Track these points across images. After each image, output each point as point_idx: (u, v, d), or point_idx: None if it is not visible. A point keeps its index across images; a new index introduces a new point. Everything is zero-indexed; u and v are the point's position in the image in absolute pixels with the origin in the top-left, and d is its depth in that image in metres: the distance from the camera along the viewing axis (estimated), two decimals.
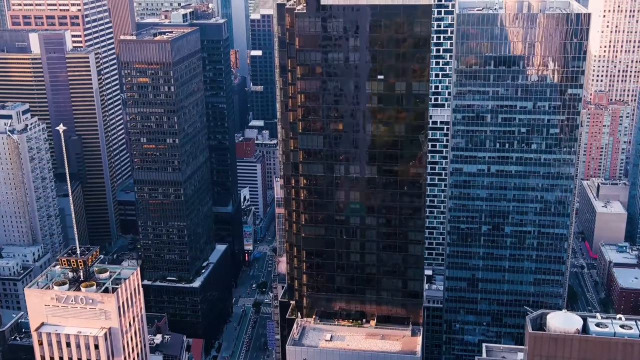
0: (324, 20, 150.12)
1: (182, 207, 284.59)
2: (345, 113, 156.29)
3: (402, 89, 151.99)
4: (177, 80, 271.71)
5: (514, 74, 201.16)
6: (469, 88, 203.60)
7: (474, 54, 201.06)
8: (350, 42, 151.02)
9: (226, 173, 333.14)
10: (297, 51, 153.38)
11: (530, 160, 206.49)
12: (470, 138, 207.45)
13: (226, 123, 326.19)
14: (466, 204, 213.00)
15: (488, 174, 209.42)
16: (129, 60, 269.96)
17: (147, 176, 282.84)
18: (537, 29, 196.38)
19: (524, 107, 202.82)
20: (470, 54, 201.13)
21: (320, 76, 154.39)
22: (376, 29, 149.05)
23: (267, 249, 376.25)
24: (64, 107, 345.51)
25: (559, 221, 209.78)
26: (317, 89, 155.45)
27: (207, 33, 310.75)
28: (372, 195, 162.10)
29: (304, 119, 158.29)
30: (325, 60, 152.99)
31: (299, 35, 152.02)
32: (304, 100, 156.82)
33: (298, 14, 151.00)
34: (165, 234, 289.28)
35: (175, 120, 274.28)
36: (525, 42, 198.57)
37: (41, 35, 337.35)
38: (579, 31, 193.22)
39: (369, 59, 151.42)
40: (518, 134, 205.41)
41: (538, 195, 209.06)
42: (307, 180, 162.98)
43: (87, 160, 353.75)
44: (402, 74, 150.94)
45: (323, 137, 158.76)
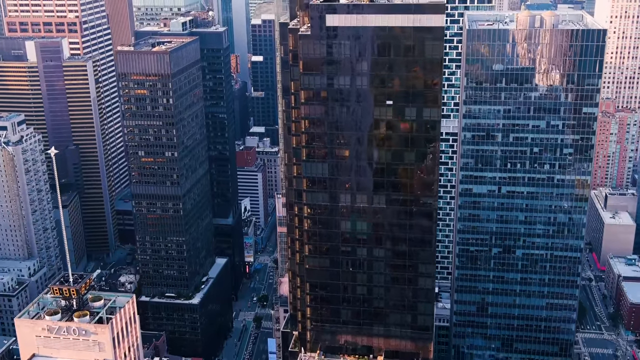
0: (330, 43, 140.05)
1: (181, 221, 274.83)
2: (352, 140, 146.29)
3: (412, 115, 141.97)
4: (176, 92, 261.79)
5: (526, 92, 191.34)
6: (479, 106, 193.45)
7: (484, 70, 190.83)
8: (357, 65, 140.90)
9: (226, 184, 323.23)
10: (300, 75, 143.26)
11: (542, 181, 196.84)
12: (480, 158, 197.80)
13: (226, 133, 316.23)
14: (476, 225, 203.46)
15: (498, 195, 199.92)
16: (127, 72, 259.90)
17: (145, 190, 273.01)
18: (550, 45, 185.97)
19: (537, 126, 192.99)
20: (481, 71, 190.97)
21: (325, 101, 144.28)
22: (384, 51, 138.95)
23: (268, 260, 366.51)
24: (61, 117, 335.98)
25: (572, 244, 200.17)
26: (322, 115, 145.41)
27: (207, 42, 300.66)
28: (380, 226, 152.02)
29: (308, 146, 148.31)
30: (331, 84, 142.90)
31: (303, 58, 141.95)
32: (308, 126, 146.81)
33: (302, 36, 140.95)
34: (164, 249, 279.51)
35: (174, 133, 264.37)
36: (537, 59, 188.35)
37: (37, 43, 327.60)
38: (594, 48, 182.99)
39: (376, 84, 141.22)
40: (530, 153, 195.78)
41: (550, 217, 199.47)
42: (311, 209, 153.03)
43: (84, 170, 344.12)
44: (412, 99, 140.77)
45: (328, 164, 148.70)
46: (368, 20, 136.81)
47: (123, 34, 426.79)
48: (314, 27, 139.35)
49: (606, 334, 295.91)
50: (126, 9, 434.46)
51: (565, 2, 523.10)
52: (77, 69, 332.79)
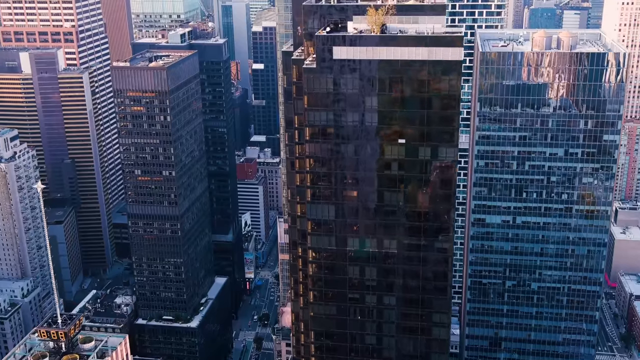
0: (337, 77, 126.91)
1: (179, 242, 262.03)
2: (361, 180, 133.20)
3: (426, 155, 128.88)
4: (174, 109, 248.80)
5: (542, 118, 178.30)
6: (493, 132, 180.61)
7: (498, 95, 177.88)
8: (367, 101, 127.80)
9: (226, 200, 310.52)
10: (305, 110, 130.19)
11: (559, 212, 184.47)
12: (494, 186, 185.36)
13: (226, 148, 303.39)
14: (488, 257, 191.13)
15: (513, 226, 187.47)
16: (123, 88, 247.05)
17: (141, 210, 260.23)
18: (569, 69, 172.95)
19: (554, 154, 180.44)
20: (494, 95, 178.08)
21: (332, 139, 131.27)
22: (397, 86, 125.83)
23: (269, 275, 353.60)
24: (57, 130, 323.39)
25: (591, 277, 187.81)
26: (328, 153, 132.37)
27: (207, 54, 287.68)
28: (391, 272, 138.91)
29: (312, 186, 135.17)
30: (338, 121, 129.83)
31: (307, 93, 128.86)
32: (313, 165, 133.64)
33: (307, 69, 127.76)
34: (161, 271, 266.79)
35: (171, 152, 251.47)
36: (555, 83, 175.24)
37: (32, 54, 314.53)
38: (616, 72, 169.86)
39: (388, 121, 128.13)
40: (547, 182, 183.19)
41: (568, 249, 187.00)
42: (317, 253, 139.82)
43: (80, 185, 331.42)
44: (427, 137, 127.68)
45: (335, 206, 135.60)
46: (379, 53, 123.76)
47: (121, 43, 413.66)
48: (320, 60, 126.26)
49: (618, 355, 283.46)
50: (125, 17, 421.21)
51: (572, 8, 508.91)
52: (73, 80, 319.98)
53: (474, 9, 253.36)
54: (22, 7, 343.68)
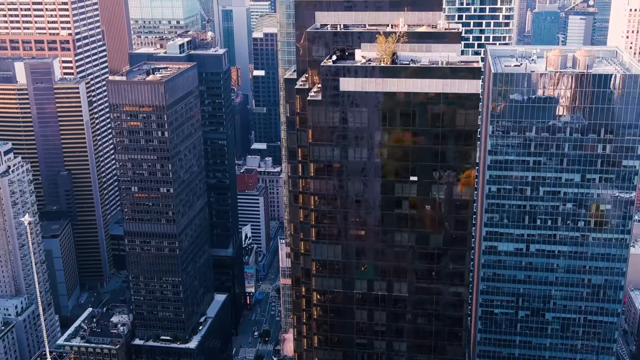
0: (344, 110, 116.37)
1: (177, 261, 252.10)
2: (369, 220, 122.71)
3: (440, 194, 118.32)
4: (172, 124, 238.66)
5: (558, 142, 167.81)
6: (506, 157, 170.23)
7: (511, 118, 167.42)
8: (376, 135, 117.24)
9: (226, 213, 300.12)
10: (309, 144, 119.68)
11: (576, 240, 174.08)
12: (507, 213, 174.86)
13: (226, 160, 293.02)
14: (500, 286, 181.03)
15: (527, 254, 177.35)
16: (119, 103, 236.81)
17: (138, 228, 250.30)
18: (587, 91, 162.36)
19: (570, 180, 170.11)
20: (507, 118, 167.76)
21: (338, 175, 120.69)
22: (408, 120, 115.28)
23: (270, 289, 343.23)
24: (52, 141, 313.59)
25: (609, 308, 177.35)
26: (334, 191, 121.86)
27: (206, 65, 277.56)
28: (402, 316, 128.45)
29: (317, 224, 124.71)
30: (345, 157, 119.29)
31: (312, 126, 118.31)
32: (318, 203, 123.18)
33: (312, 101, 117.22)
34: (159, 290, 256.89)
35: (169, 168, 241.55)
36: (571, 106, 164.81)
37: (27, 64, 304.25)
38: (635, 95, 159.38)
39: (399, 157, 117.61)
40: (562, 209, 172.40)
41: (584, 278, 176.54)
42: (322, 295, 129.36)
43: (77, 197, 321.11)
44: (441, 175, 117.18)
45: (341, 246, 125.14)
46: (389, 85, 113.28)
47: (120, 49, 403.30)
48: (326, 92, 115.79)
49: None
50: (124, 23, 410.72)
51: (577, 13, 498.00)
52: (69, 91, 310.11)
53: (481, 20, 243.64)
54: (17, 14, 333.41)
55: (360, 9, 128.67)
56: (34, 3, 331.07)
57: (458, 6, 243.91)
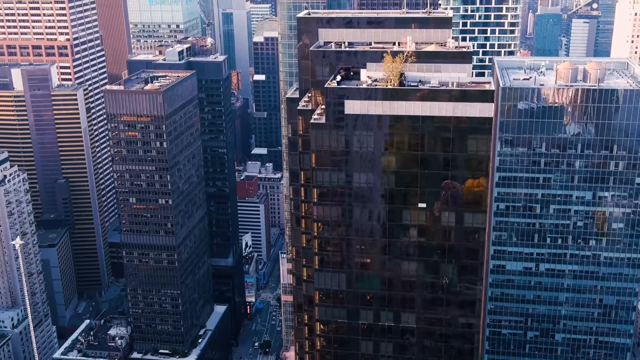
0: (349, 133, 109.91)
1: (176, 273, 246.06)
2: (375, 247, 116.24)
3: (450, 221, 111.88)
4: (171, 134, 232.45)
5: (569, 159, 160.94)
6: (515, 174, 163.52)
7: (520, 134, 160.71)
8: (384, 160, 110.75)
9: (226, 222, 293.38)
10: (313, 169, 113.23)
11: (587, 259, 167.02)
12: (516, 231, 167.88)
13: (226, 169, 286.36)
14: (509, 306, 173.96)
15: (536, 273, 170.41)
16: (116, 113, 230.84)
17: (136, 240, 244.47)
18: (599, 106, 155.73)
19: (582, 198, 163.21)
20: (516, 134, 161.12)
21: (343, 202, 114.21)
22: (417, 145, 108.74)
23: (271, 297, 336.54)
24: (50, 149, 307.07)
25: (621, 329, 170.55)
26: (339, 217, 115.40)
27: (206, 72, 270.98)
28: (409, 348, 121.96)
29: (320, 252, 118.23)
30: (350, 182, 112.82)
31: (315, 150, 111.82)
32: (321, 230, 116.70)
33: (315, 124, 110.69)
34: (157, 303, 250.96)
35: (168, 179, 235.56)
36: (583, 122, 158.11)
37: (24, 70, 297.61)
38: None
39: (406, 182, 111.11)
40: (573, 227, 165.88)
41: (596, 298, 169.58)
42: (325, 326, 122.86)
43: (75, 205, 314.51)
44: (451, 202, 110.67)
45: (346, 275, 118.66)
46: (396, 108, 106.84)
47: (119, 54, 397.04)
48: (330, 115, 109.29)
49: None
50: (123, 27, 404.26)
51: (580, 16, 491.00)
52: (67, 98, 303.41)
53: (485, 27, 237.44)
54: (14, 19, 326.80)
55: (366, 25, 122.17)
56: (31, 8, 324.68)
57: (462, 13, 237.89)
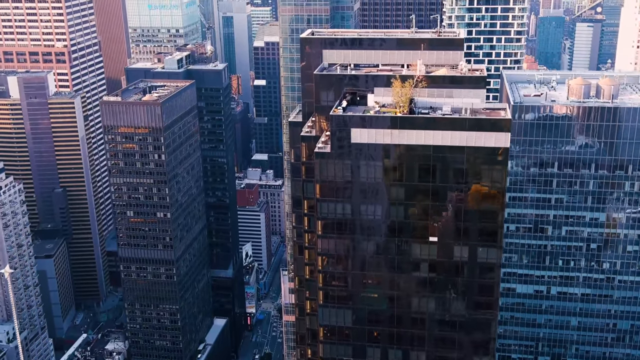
0: (356, 163, 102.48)
1: (175, 288, 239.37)
2: (383, 283, 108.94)
3: (463, 256, 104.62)
4: (169, 146, 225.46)
5: (582, 179, 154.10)
6: (526, 194, 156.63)
7: (532, 153, 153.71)
8: (392, 192, 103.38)
9: (226, 233, 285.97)
10: (317, 200, 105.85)
11: (600, 282, 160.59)
12: (526, 253, 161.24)
13: (226, 179, 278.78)
14: (519, 330, 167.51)
15: (547, 297, 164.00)
16: (114, 125, 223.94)
17: (134, 254, 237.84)
18: (613, 124, 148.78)
19: (595, 219, 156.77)
20: (527, 153, 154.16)
21: (349, 235, 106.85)
22: (427, 175, 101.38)
23: (271, 308, 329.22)
24: (47, 157, 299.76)
25: (636, 355, 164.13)
26: (344, 251, 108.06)
27: (205, 81, 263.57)
28: None
29: (325, 287, 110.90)
30: (357, 214, 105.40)
31: (320, 181, 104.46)
32: (326, 264, 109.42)
33: (319, 154, 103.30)
34: (156, 318, 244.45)
35: (166, 192, 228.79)
36: (597, 140, 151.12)
37: (20, 78, 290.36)
38: None
39: (417, 215, 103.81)
40: (586, 250, 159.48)
41: (610, 323, 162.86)
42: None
43: (72, 214, 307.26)
44: (464, 235, 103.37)
45: (352, 311, 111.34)
46: (406, 137, 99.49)
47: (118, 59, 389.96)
48: (335, 144, 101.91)
49: None
50: (122, 32, 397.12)
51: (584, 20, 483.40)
52: (64, 106, 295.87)
53: (491, 35, 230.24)
54: (11, 25, 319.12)
55: (373, 46, 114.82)
56: (28, 14, 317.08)
57: (467, 22, 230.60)
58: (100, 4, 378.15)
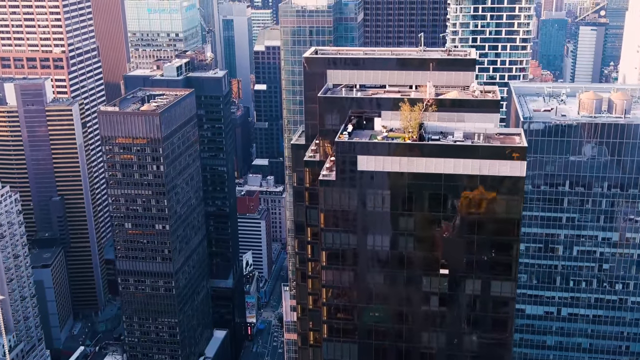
0: (362, 192, 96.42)
1: (174, 301, 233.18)
2: (391, 317, 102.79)
3: (475, 289, 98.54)
4: (168, 157, 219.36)
5: (595, 198, 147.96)
6: (536, 213, 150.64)
7: (542, 171, 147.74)
8: (401, 222, 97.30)
9: (226, 242, 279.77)
10: (321, 230, 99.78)
11: (612, 303, 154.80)
12: (536, 274, 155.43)
13: (226, 188, 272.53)
14: (528, 352, 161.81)
15: (558, 318, 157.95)
16: (111, 135, 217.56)
17: (132, 266, 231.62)
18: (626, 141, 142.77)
19: (608, 239, 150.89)
20: (538, 171, 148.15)
21: (355, 266, 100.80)
22: (437, 205, 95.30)
23: (272, 317, 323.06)
24: (44, 165, 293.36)
25: None
26: (350, 283, 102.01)
27: (205, 88, 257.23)
28: None
29: (329, 320, 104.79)
30: (362, 245, 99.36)
31: (324, 210, 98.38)
32: (330, 296, 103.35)
33: (324, 182, 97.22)
34: (154, 332, 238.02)
35: (165, 204, 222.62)
36: (610, 158, 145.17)
37: (17, 85, 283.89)
38: None
39: (426, 246, 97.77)
40: (598, 270, 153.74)
41: (622, 345, 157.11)
42: None
43: (70, 223, 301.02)
44: (476, 268, 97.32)
45: (358, 346, 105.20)
46: (416, 165, 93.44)
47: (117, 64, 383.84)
48: (341, 171, 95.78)
49: None
50: (122, 36, 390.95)
51: (588, 23, 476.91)
52: (62, 113, 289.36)
53: (496, 43, 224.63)
54: (8, 31, 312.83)
55: (379, 67, 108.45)
56: (25, 19, 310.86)
57: (472, 29, 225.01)
58: (99, 8, 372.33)
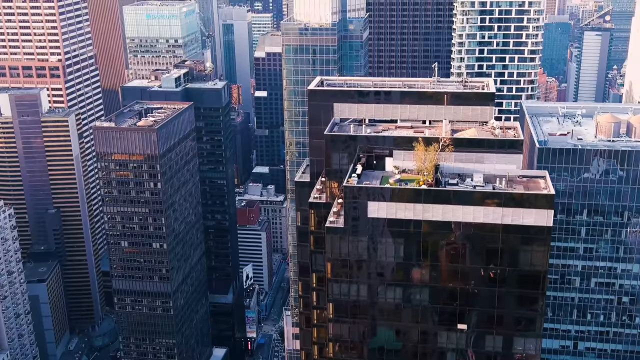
0: (373, 241, 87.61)
1: (172, 321, 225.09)
2: None
3: (496, 346, 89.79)
4: (165, 173, 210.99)
5: (614, 228, 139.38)
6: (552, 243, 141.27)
7: (559, 199, 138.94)
8: (415, 273, 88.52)
9: (226, 257, 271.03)
10: (328, 280, 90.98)
11: (633, 338, 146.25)
12: (552, 306, 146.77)
13: (226, 201, 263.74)
14: None
15: (574, 352, 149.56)
16: (107, 151, 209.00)
17: (129, 286, 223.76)
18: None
19: (628, 270, 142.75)
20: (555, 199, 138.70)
21: (365, 320, 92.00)
22: (457, 257, 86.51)
23: (273, 331, 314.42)
24: (40, 177, 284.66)
25: None
26: (359, 337, 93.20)
27: (204, 100, 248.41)
28: None
29: None
30: (373, 297, 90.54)
31: (331, 259, 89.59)
32: (338, 351, 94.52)
33: (331, 229, 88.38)
34: (152, 352, 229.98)
35: (162, 222, 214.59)
36: (629, 185, 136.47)
37: (12, 96, 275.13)
38: None
39: (443, 299, 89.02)
40: (617, 303, 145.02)
41: None
42: None
43: (66, 235, 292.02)
44: (498, 324, 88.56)
45: None
46: (432, 213, 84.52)
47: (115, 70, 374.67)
48: (350, 218, 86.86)
49: None
50: (120, 42, 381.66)
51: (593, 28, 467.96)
52: (58, 124, 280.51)
53: (504, 55, 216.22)
54: (4, 39, 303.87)
55: (390, 100, 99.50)
56: (21, 27, 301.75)
57: (479, 40, 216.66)
58: (96, 14, 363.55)
